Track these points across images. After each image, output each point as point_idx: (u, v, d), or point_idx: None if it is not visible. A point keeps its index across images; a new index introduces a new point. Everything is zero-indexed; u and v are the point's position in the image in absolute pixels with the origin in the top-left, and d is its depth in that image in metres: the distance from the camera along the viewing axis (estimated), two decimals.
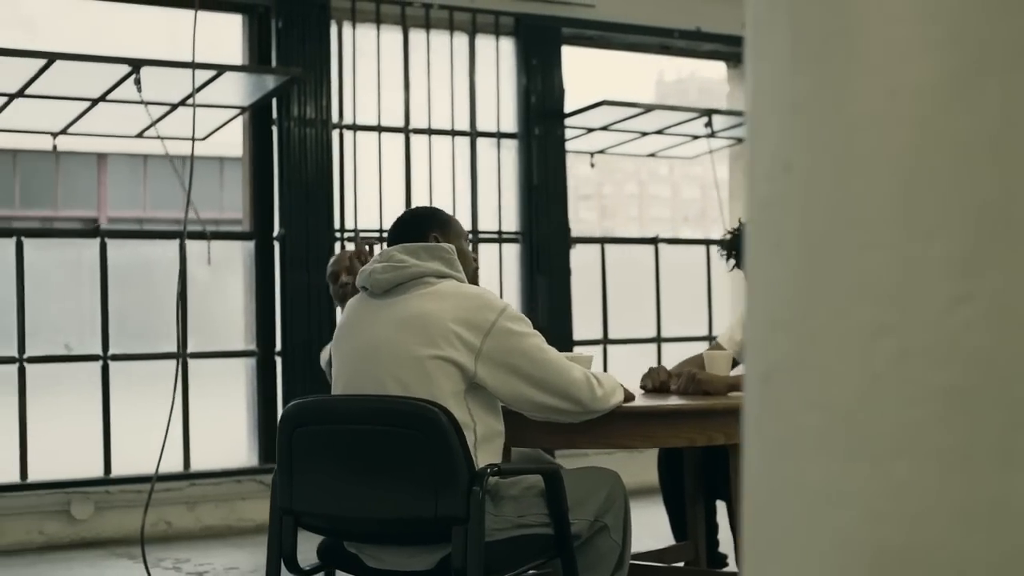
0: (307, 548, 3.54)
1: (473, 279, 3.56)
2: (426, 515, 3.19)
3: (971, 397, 0.89)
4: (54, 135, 7.02)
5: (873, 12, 0.96)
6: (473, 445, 3.26)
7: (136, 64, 6.18)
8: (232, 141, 7.42)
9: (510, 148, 7.78)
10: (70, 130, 7.16)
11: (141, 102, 6.27)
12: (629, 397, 3.58)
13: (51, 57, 6.03)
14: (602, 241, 8.27)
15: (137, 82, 6.19)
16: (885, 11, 0.95)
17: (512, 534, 3.36)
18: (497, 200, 7.73)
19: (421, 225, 3.56)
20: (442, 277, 3.40)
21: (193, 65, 5.17)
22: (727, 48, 8.40)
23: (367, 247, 3.97)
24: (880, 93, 0.94)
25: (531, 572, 3.69)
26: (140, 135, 7.14)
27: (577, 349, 7.64)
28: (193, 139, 5.24)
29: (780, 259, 1.04)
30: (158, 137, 6.53)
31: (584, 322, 7.95)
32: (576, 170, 8.98)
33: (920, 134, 0.92)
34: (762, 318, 1.07)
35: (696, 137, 8.38)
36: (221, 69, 6.41)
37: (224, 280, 7.24)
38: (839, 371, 0.97)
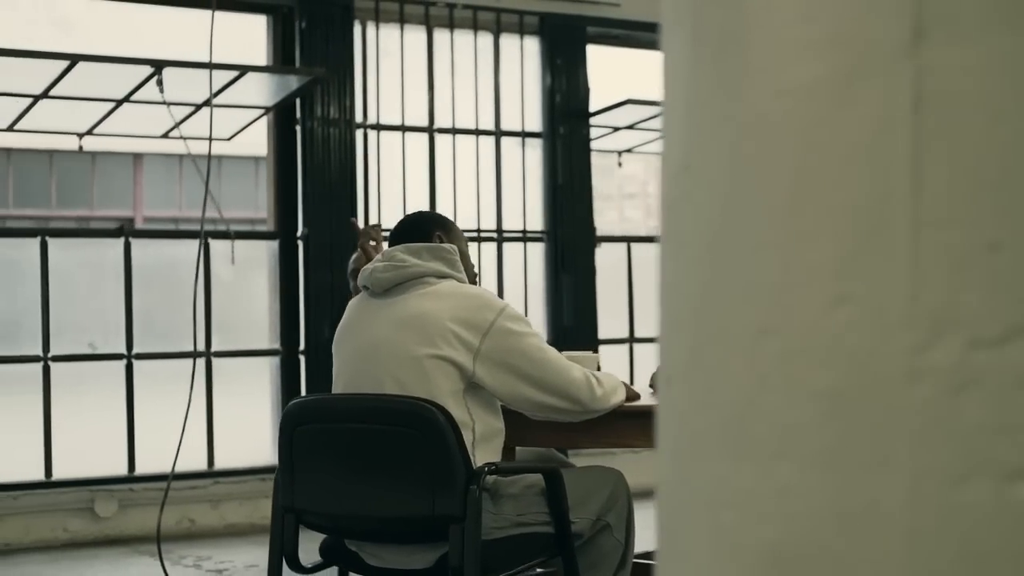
0: (312, 548, 3.56)
1: (472, 283, 3.57)
2: (423, 514, 3.20)
3: (848, 398, 0.89)
4: (80, 135, 7.08)
5: (763, 12, 0.96)
6: (471, 444, 3.27)
7: (158, 65, 6.23)
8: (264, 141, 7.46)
9: (535, 147, 7.78)
10: (98, 130, 7.22)
11: (163, 103, 6.32)
12: (632, 396, 3.57)
13: (74, 59, 6.09)
14: (628, 240, 8.25)
15: (159, 83, 6.24)
16: (774, 11, 0.95)
17: (512, 533, 3.37)
18: (522, 199, 7.73)
19: (424, 226, 3.57)
20: (443, 277, 3.41)
21: (211, 66, 5.19)
22: None
23: (375, 228, 4.02)
24: (767, 94, 0.94)
25: (538, 571, 3.70)
26: (165, 135, 7.19)
27: (602, 348, 7.65)
28: (211, 139, 5.27)
29: (681, 260, 1.04)
30: (181, 137, 6.57)
31: (610, 321, 7.94)
32: (623, 169, 8.98)
33: (803, 135, 0.92)
34: (667, 320, 1.07)
35: None
36: (243, 70, 6.45)
37: (249, 279, 7.28)
38: (729, 372, 0.97)
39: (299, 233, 7.07)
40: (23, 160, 14.08)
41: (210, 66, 5.24)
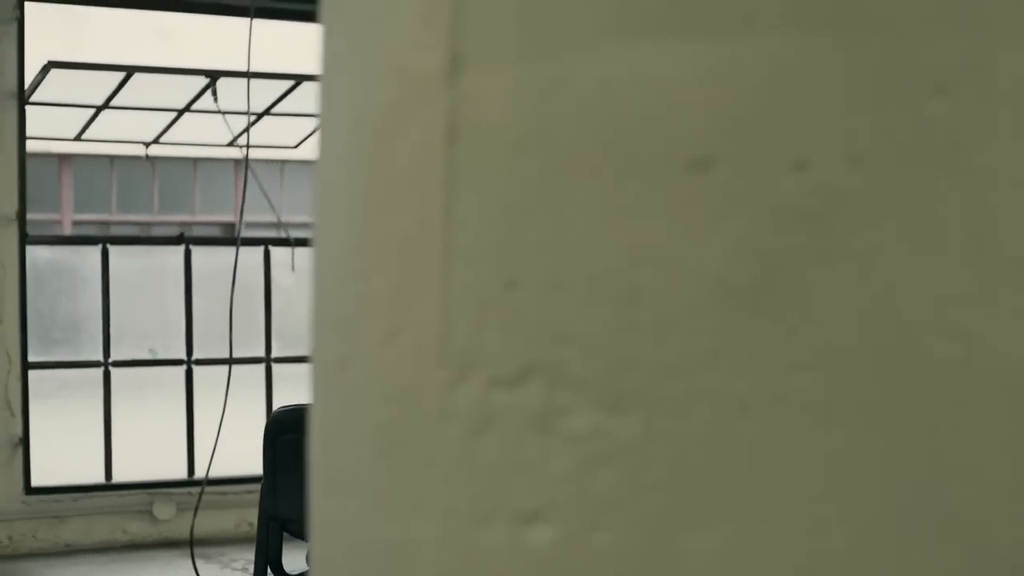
0: (302, 556, 3.59)
1: None
2: None
3: (397, 435, 0.88)
4: (147, 144, 7.23)
5: (348, 48, 0.95)
6: None
7: (213, 75, 6.33)
8: None
9: None
10: (167, 139, 7.37)
11: (218, 111, 6.43)
12: None
13: (130, 70, 6.22)
14: None
15: (214, 92, 6.34)
16: (357, 44, 0.94)
17: None
18: None
19: None
20: None
21: (248, 75, 5.27)
22: None
23: None
24: (344, 128, 0.94)
25: None
26: (231, 144, 7.31)
27: None
28: (248, 146, 5.35)
29: (311, 292, 1.03)
30: (239, 146, 6.68)
31: None
32: None
33: (366, 169, 0.91)
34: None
35: None
36: (298, 79, 6.53)
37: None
38: (322, 404, 0.96)
39: None
40: (126, 166, 14.38)
41: (248, 75, 5.31)
